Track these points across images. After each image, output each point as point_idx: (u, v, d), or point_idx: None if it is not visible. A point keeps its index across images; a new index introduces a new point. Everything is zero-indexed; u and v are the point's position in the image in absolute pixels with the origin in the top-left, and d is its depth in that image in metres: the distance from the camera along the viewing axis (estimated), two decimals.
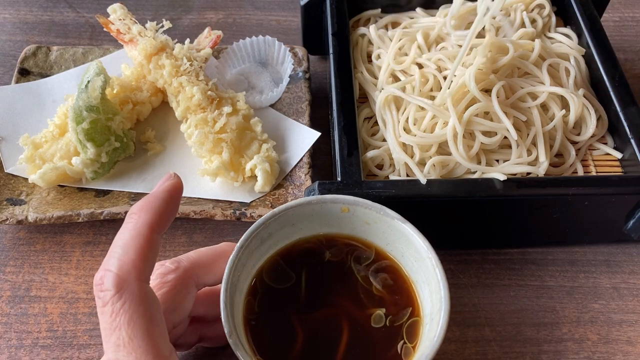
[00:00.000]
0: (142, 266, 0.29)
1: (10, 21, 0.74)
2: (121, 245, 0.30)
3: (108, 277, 0.29)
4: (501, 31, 0.59)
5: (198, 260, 0.37)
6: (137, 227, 0.30)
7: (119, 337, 0.28)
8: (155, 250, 0.31)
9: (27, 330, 0.47)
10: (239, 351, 0.33)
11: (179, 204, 0.33)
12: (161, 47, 0.57)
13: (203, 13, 0.75)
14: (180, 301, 0.36)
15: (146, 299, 0.29)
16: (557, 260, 0.52)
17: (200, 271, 0.37)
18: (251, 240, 0.38)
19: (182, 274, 0.36)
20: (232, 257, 0.37)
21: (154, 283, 0.35)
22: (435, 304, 0.37)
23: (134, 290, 0.29)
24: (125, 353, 0.28)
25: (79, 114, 0.52)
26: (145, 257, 0.30)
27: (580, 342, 0.47)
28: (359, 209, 0.40)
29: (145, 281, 0.30)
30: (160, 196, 0.32)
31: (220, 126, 0.55)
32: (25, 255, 0.52)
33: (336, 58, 0.55)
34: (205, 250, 0.39)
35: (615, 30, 0.73)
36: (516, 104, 0.52)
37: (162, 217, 0.31)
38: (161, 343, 0.29)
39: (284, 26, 0.74)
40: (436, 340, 0.34)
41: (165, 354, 0.29)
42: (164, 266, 0.36)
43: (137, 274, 0.29)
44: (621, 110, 0.52)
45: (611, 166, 0.53)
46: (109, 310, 0.28)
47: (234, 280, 0.37)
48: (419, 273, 0.40)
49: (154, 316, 0.29)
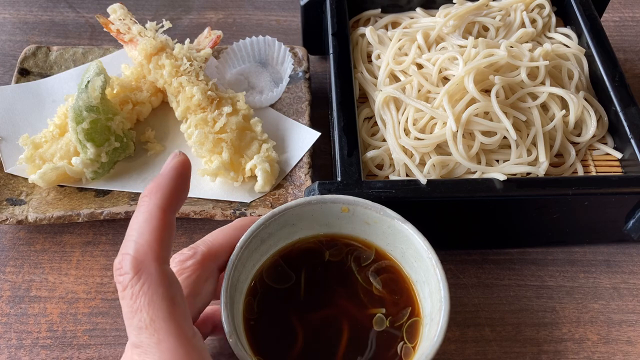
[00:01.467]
0: (158, 247, 0.29)
1: (10, 21, 0.74)
2: (136, 229, 0.30)
3: (126, 260, 0.29)
4: (501, 31, 0.59)
5: (215, 242, 0.37)
6: (149, 209, 0.30)
7: (141, 319, 0.28)
8: (170, 230, 0.30)
9: (27, 330, 0.47)
10: (238, 351, 0.33)
11: (189, 180, 0.32)
12: (161, 47, 0.57)
13: (203, 13, 0.75)
14: (202, 286, 0.35)
15: (165, 280, 0.29)
16: (557, 261, 0.52)
17: (219, 252, 0.37)
18: (251, 240, 0.38)
19: (200, 259, 0.36)
20: (232, 257, 0.37)
21: (173, 270, 0.35)
22: (435, 304, 0.37)
23: (152, 272, 0.29)
24: (148, 335, 0.28)
25: (79, 114, 0.52)
26: (161, 238, 0.29)
27: (580, 342, 0.47)
28: (358, 209, 0.40)
29: (164, 262, 0.29)
30: (169, 175, 0.31)
31: (220, 126, 0.55)
32: (25, 256, 0.52)
33: (336, 58, 0.55)
34: (221, 230, 0.38)
35: (615, 30, 0.73)
36: (516, 104, 0.52)
37: (173, 196, 0.31)
38: (184, 324, 0.29)
39: (284, 26, 0.74)
40: (436, 341, 0.34)
41: (188, 335, 0.29)
42: (181, 253, 0.36)
43: (154, 255, 0.29)
44: (621, 110, 0.52)
45: (611, 166, 0.53)
46: (129, 294, 0.28)
47: (233, 281, 0.37)
48: (419, 273, 0.40)
49: (175, 297, 0.29)
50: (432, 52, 0.56)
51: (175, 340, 0.28)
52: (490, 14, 0.60)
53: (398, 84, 0.54)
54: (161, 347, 0.28)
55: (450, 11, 0.58)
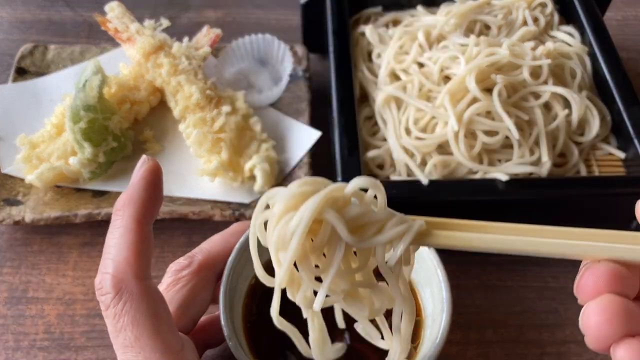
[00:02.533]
0: (137, 263, 0.29)
1: (7, 20, 0.73)
2: (113, 245, 0.29)
3: (106, 279, 0.28)
4: (503, 30, 0.59)
5: (212, 249, 0.37)
6: (124, 223, 0.29)
7: (125, 338, 0.28)
8: (148, 242, 0.30)
9: (24, 331, 0.47)
10: (239, 354, 0.33)
11: (161, 187, 0.31)
12: (159, 45, 0.57)
13: (202, 11, 0.75)
14: (199, 294, 0.35)
15: (147, 296, 0.28)
16: (560, 261, 0.51)
17: (216, 260, 0.37)
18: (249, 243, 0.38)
19: (196, 268, 0.35)
20: (230, 260, 0.37)
21: (169, 281, 0.35)
22: (437, 306, 0.36)
23: (133, 290, 0.28)
24: (134, 353, 0.28)
25: (76, 114, 0.52)
26: (139, 252, 0.29)
27: (583, 344, 0.46)
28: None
29: (144, 278, 0.29)
30: (140, 185, 0.30)
31: (219, 126, 0.54)
32: (22, 256, 0.51)
33: (336, 57, 0.55)
34: (218, 237, 0.38)
35: (618, 29, 0.73)
36: (518, 103, 0.51)
37: (147, 206, 0.30)
38: (170, 338, 0.29)
39: (284, 24, 0.74)
40: (438, 342, 0.34)
41: (175, 349, 0.29)
42: (177, 263, 0.36)
43: (134, 272, 0.28)
44: (624, 109, 0.51)
45: (614, 166, 0.52)
46: (111, 313, 0.28)
47: (232, 284, 0.36)
48: (420, 274, 0.39)
49: (159, 312, 0.29)
50: (433, 50, 0.55)
51: (162, 356, 0.28)
52: (492, 12, 0.59)
53: (399, 83, 0.53)
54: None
55: (452, 9, 0.58)
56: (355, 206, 0.27)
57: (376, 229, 0.27)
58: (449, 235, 0.27)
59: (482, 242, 0.27)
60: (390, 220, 0.27)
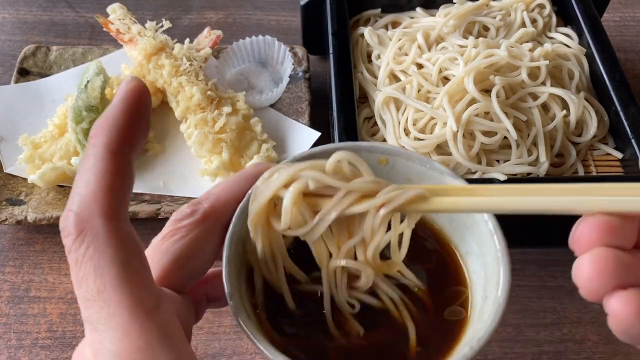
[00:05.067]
0: (106, 198, 0.24)
1: (9, 21, 0.73)
2: (81, 178, 0.24)
3: (69, 218, 0.24)
4: (501, 31, 0.59)
5: (220, 196, 0.32)
6: (96, 152, 0.25)
7: (87, 290, 0.23)
8: (123, 177, 0.25)
9: (26, 330, 0.47)
10: (240, 317, 0.28)
11: (145, 113, 0.26)
12: (161, 47, 0.57)
13: (203, 13, 0.75)
14: (201, 248, 0.30)
15: (116, 240, 0.24)
16: (558, 261, 0.52)
17: (226, 208, 0.31)
18: None
19: (200, 217, 0.30)
20: (241, 205, 0.31)
21: (166, 231, 0.30)
22: (491, 279, 0.30)
23: (98, 231, 0.23)
24: (97, 308, 0.23)
25: (78, 114, 0.52)
26: (110, 187, 0.24)
27: (581, 343, 0.47)
28: (399, 161, 0.33)
29: (114, 218, 0.24)
30: (119, 107, 0.25)
31: (220, 126, 0.55)
32: (25, 256, 0.52)
33: (336, 58, 0.55)
34: (230, 181, 0.33)
35: (616, 30, 0.73)
36: (517, 104, 0.51)
37: (125, 133, 0.25)
38: (141, 293, 0.24)
39: (284, 26, 0.74)
40: (492, 321, 0.27)
41: (147, 307, 0.24)
42: (179, 211, 0.31)
43: (101, 209, 0.24)
44: (622, 110, 0.52)
45: (612, 166, 0.53)
46: (73, 259, 0.24)
47: (240, 232, 0.31)
48: (469, 243, 0.33)
49: (130, 261, 0.24)
50: (432, 52, 0.56)
51: (129, 313, 0.23)
52: (490, 13, 0.60)
53: (398, 84, 0.54)
54: (112, 323, 0.23)
55: (451, 11, 0.58)
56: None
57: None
58: (450, 200, 0.27)
59: (482, 205, 0.27)
60: (386, 187, 0.27)
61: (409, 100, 0.51)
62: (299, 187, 0.28)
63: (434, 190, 0.28)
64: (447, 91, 0.50)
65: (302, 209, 0.28)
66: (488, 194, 0.27)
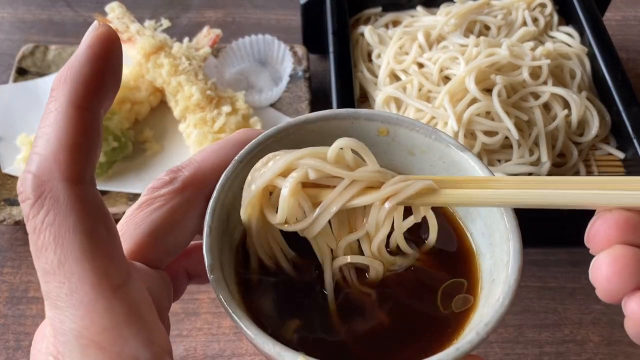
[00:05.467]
0: (69, 159, 0.21)
1: (8, 20, 0.73)
2: (41, 136, 0.22)
3: (27, 180, 0.21)
4: (503, 30, 0.59)
5: (204, 163, 0.29)
6: (58, 106, 0.22)
7: (47, 261, 0.21)
8: (90, 135, 0.22)
9: (24, 331, 0.47)
10: (221, 293, 0.25)
11: (116, 63, 0.23)
12: (160, 46, 0.57)
13: (202, 12, 0.75)
14: (180, 220, 0.27)
15: (80, 206, 0.21)
16: (559, 261, 0.52)
17: (208, 177, 0.28)
18: (254, 155, 0.29)
19: (179, 186, 0.28)
20: (227, 171, 0.28)
21: (142, 200, 0.27)
22: (500, 259, 0.28)
23: (58, 195, 0.21)
24: (57, 283, 0.21)
25: None
26: (73, 146, 0.21)
27: (582, 344, 0.47)
28: (402, 132, 0.30)
29: (78, 181, 0.21)
30: (84, 56, 0.22)
31: (220, 126, 0.54)
32: (23, 256, 0.52)
33: (336, 57, 0.55)
34: (215, 146, 0.30)
35: (618, 30, 0.73)
36: (518, 103, 0.51)
37: (91, 86, 0.22)
38: (107, 267, 0.21)
39: (284, 25, 0.74)
40: (501, 304, 0.25)
41: (114, 282, 0.21)
42: (157, 179, 0.28)
43: (62, 171, 0.21)
44: (624, 110, 0.51)
45: (613, 166, 0.52)
46: (31, 226, 0.21)
47: (225, 201, 0.28)
48: (477, 222, 0.30)
49: (95, 230, 0.21)
50: (433, 51, 0.55)
51: (92, 289, 0.21)
52: (491, 12, 0.59)
53: (398, 84, 0.54)
54: (73, 300, 0.21)
55: (452, 10, 0.58)
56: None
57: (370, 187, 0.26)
58: (460, 193, 0.25)
59: (495, 198, 0.25)
60: (392, 179, 0.26)
61: (410, 99, 0.51)
62: (297, 177, 0.25)
63: (443, 181, 0.26)
64: (448, 90, 0.50)
65: (301, 201, 0.26)
66: (502, 186, 0.25)
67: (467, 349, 0.24)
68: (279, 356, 0.23)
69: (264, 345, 0.24)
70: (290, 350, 0.23)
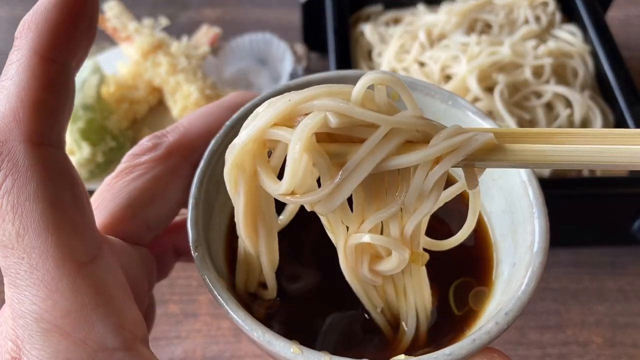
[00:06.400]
0: (31, 118, 0.18)
1: (5, 19, 0.72)
2: (1, 89, 0.19)
3: None
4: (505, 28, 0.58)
5: (190, 129, 0.25)
6: (20, 57, 0.19)
7: (4, 233, 0.18)
8: (56, 88, 0.19)
9: None
10: (205, 272, 0.22)
11: (91, 9, 0.20)
12: (158, 44, 0.56)
13: (201, 10, 0.74)
14: (163, 189, 0.24)
15: (42, 171, 0.18)
16: (562, 262, 0.52)
17: (194, 143, 0.25)
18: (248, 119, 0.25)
19: (163, 153, 0.24)
20: (217, 137, 0.25)
21: (121, 167, 0.24)
22: (523, 240, 0.24)
23: (18, 158, 0.18)
24: (16, 259, 0.18)
25: (74, 113, 0.51)
26: (36, 102, 0.18)
27: (585, 345, 0.47)
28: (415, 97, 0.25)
29: (41, 142, 0.19)
30: (49, 3, 0.19)
31: None
32: None
33: (337, 55, 0.54)
34: (202, 110, 0.26)
35: (621, 28, 0.72)
36: (520, 102, 0.51)
37: (58, 32, 0.19)
38: (74, 241, 0.19)
39: (284, 23, 0.73)
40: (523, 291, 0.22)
41: (80, 258, 0.19)
42: (139, 145, 0.25)
43: (22, 131, 0.18)
44: (627, 108, 0.51)
45: None
46: None
47: (215, 170, 0.25)
48: (497, 199, 0.26)
49: (61, 198, 0.19)
50: (434, 49, 0.55)
51: (55, 267, 0.18)
52: (493, 11, 0.59)
53: None
54: (33, 278, 0.18)
55: (453, 8, 0.57)
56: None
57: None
58: (530, 149, 0.19)
59: (578, 155, 0.18)
60: (443, 131, 0.19)
61: None
62: (312, 124, 0.17)
63: (502, 134, 0.19)
64: (450, 89, 0.49)
65: (318, 160, 0.18)
66: (578, 140, 0.19)
67: (484, 341, 0.21)
68: (269, 345, 0.20)
69: (252, 331, 0.21)
70: (281, 339, 0.20)
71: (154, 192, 0.24)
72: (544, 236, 0.23)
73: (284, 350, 0.20)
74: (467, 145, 0.19)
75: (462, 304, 0.25)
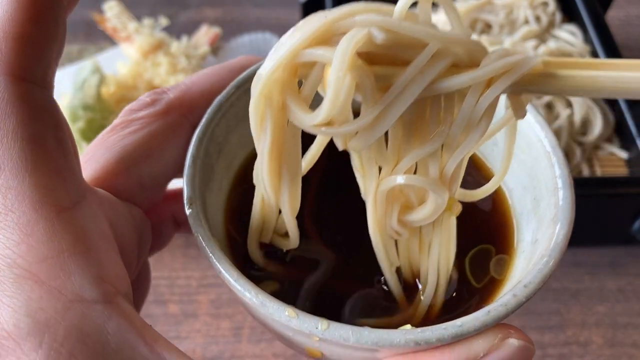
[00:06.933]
0: (14, 51, 0.17)
1: None
2: None
3: None
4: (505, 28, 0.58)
5: (193, 87, 0.24)
6: None
7: None
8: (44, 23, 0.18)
9: None
10: (198, 229, 0.21)
11: None
12: (158, 44, 0.56)
13: (201, 10, 0.74)
14: (159, 148, 0.23)
15: (24, 107, 0.17)
16: (562, 262, 0.51)
17: (197, 102, 0.24)
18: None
19: (162, 110, 0.23)
20: (221, 97, 0.24)
21: (116, 122, 0.23)
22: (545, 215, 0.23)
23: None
24: None
25: (74, 113, 0.51)
26: (21, 35, 0.17)
27: (585, 346, 0.47)
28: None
29: (24, 77, 0.17)
30: None
31: None
32: None
33: None
34: (208, 71, 0.25)
35: (621, 28, 0.72)
36: None
37: None
38: (55, 183, 0.17)
39: (284, 23, 0.73)
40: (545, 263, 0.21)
41: (60, 202, 0.17)
42: (138, 101, 0.24)
43: (4, 63, 0.17)
44: (627, 109, 0.51)
45: (617, 166, 0.52)
46: None
47: (217, 132, 0.24)
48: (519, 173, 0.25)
49: (43, 137, 0.17)
50: None
51: (32, 209, 0.17)
52: (493, 11, 0.59)
53: None
54: (8, 220, 0.17)
55: None
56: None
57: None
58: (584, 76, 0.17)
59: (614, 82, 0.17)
60: (492, 52, 0.17)
61: None
62: (356, 40, 0.15)
63: (551, 62, 0.18)
64: None
65: (363, 80, 0.15)
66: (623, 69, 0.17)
67: (501, 313, 0.19)
68: (262, 306, 0.19)
69: (244, 292, 0.19)
70: (276, 301, 0.19)
71: (150, 148, 0.23)
72: (569, 207, 0.21)
73: (277, 313, 0.18)
74: (522, 65, 0.16)
75: (481, 274, 0.23)
